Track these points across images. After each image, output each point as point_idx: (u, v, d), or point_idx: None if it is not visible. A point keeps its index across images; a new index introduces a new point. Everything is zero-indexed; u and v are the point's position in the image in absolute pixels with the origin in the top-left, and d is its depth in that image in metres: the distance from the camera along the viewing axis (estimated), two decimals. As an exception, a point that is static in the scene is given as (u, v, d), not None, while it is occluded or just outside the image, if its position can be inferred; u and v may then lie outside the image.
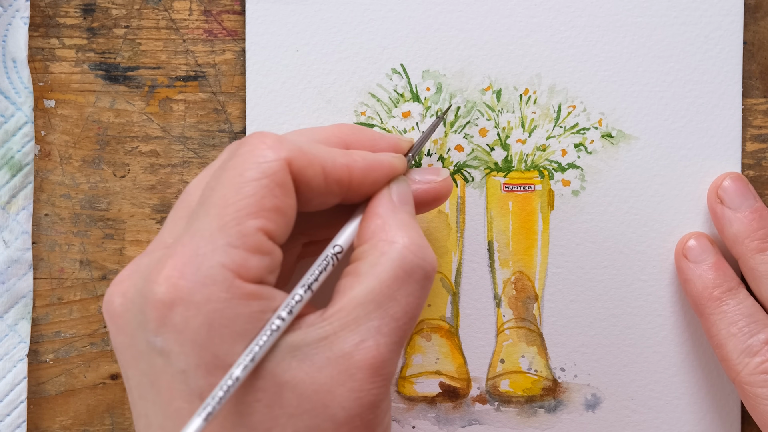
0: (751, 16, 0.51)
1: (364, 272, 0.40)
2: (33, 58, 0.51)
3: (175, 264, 0.39)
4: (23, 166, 0.51)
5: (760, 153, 0.52)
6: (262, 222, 0.39)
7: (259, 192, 0.39)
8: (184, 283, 0.38)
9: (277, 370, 0.39)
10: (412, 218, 0.43)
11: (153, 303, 0.38)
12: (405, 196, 0.44)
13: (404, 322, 0.40)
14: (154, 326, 0.38)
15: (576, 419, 0.52)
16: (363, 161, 0.43)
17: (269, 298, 0.39)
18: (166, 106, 0.52)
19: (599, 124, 0.51)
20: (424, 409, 0.52)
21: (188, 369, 0.38)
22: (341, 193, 0.43)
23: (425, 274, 0.41)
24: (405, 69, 0.51)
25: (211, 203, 0.40)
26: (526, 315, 0.52)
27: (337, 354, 0.39)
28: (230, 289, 0.38)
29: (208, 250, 0.39)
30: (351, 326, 0.39)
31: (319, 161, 0.41)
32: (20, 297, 0.51)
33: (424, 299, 0.41)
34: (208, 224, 0.39)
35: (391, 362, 0.40)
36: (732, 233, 0.49)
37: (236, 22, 0.51)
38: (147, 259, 0.41)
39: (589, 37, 0.51)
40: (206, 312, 0.38)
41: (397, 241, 0.41)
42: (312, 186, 0.41)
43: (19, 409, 0.51)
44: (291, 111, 0.51)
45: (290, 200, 0.40)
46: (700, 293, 0.49)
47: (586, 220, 0.51)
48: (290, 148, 0.41)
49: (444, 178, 0.46)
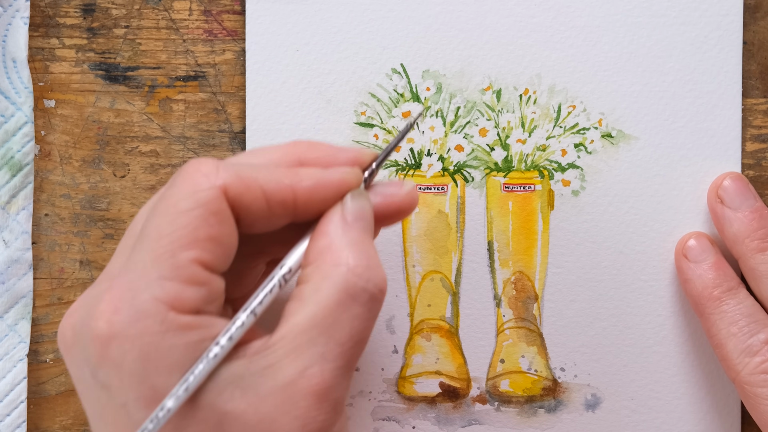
0: (751, 16, 0.51)
1: (307, 297, 0.40)
2: (33, 58, 0.51)
3: (110, 299, 0.38)
4: (23, 166, 0.51)
5: (760, 153, 0.52)
6: (196, 253, 0.39)
7: (192, 222, 0.39)
8: (119, 317, 0.38)
9: (218, 401, 0.38)
10: (365, 235, 0.41)
11: (92, 338, 0.38)
12: (360, 212, 0.42)
13: (350, 346, 0.39)
14: (95, 361, 0.38)
15: (576, 419, 0.52)
16: (309, 179, 0.41)
17: (208, 327, 0.39)
18: (166, 106, 0.52)
19: (599, 124, 0.51)
20: (424, 409, 0.52)
21: (128, 402, 0.38)
22: (287, 214, 0.41)
23: (371, 296, 0.40)
24: (405, 69, 0.51)
25: (146, 235, 0.39)
26: (526, 315, 0.52)
27: (281, 382, 0.38)
28: (164, 322, 0.38)
29: (142, 284, 0.38)
30: (294, 353, 0.39)
31: (258, 185, 0.40)
32: (20, 297, 0.51)
33: (372, 321, 0.40)
34: (142, 257, 0.39)
35: (338, 387, 0.39)
36: (732, 233, 0.49)
37: (236, 22, 0.51)
38: (94, 291, 0.41)
39: (589, 37, 0.51)
40: (140, 345, 0.38)
41: (341, 264, 0.40)
42: (252, 210, 0.40)
43: (19, 409, 0.51)
44: (291, 111, 0.51)
45: (227, 228, 0.40)
46: (700, 293, 0.49)
47: (586, 220, 0.51)
48: (225, 176, 0.40)
49: (407, 191, 0.43)
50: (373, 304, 0.40)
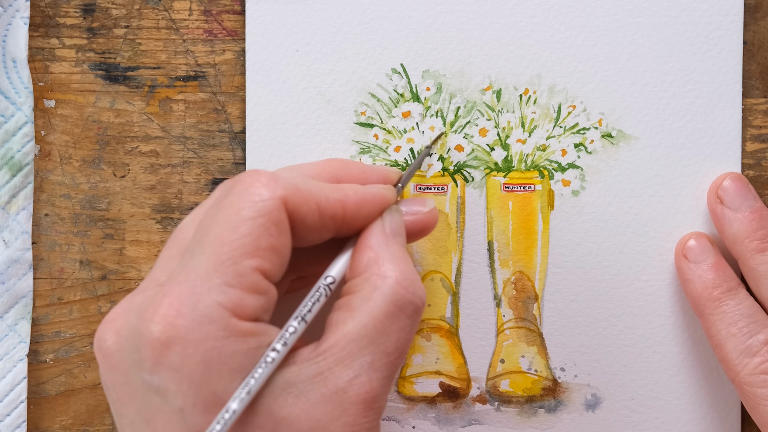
0: (751, 16, 0.51)
1: (357, 307, 0.41)
2: (33, 58, 0.51)
3: (171, 302, 0.39)
4: (23, 166, 0.51)
5: (760, 153, 0.52)
6: (258, 261, 0.40)
7: (255, 231, 0.40)
8: (181, 321, 0.38)
9: (274, 407, 0.39)
10: (404, 250, 0.43)
11: (149, 341, 0.39)
12: (397, 228, 0.44)
13: (395, 357, 0.41)
14: (150, 365, 0.39)
15: (576, 419, 0.52)
16: (355, 195, 0.43)
17: (265, 334, 0.40)
18: (166, 106, 0.52)
19: (599, 124, 0.51)
20: (424, 409, 0.52)
21: (186, 407, 0.38)
22: (335, 228, 0.43)
23: (416, 308, 0.41)
24: (405, 69, 0.51)
25: (207, 242, 0.40)
26: (526, 315, 0.52)
27: (332, 390, 0.39)
28: (227, 327, 0.39)
29: (205, 289, 0.39)
30: (345, 362, 0.40)
31: (313, 198, 0.41)
32: (20, 297, 0.51)
33: (413, 333, 0.42)
34: (204, 263, 0.39)
35: (382, 396, 0.40)
36: (732, 233, 0.49)
37: (236, 22, 0.51)
38: (140, 296, 0.41)
39: (589, 37, 0.51)
40: (203, 350, 0.38)
41: (389, 276, 0.41)
42: (307, 223, 0.41)
43: (19, 409, 0.51)
44: (291, 111, 0.51)
45: (286, 238, 0.41)
46: (700, 293, 0.49)
47: (586, 220, 0.51)
48: (285, 186, 0.41)
49: (430, 209, 0.46)
50: (417, 316, 0.42)
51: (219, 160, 0.52)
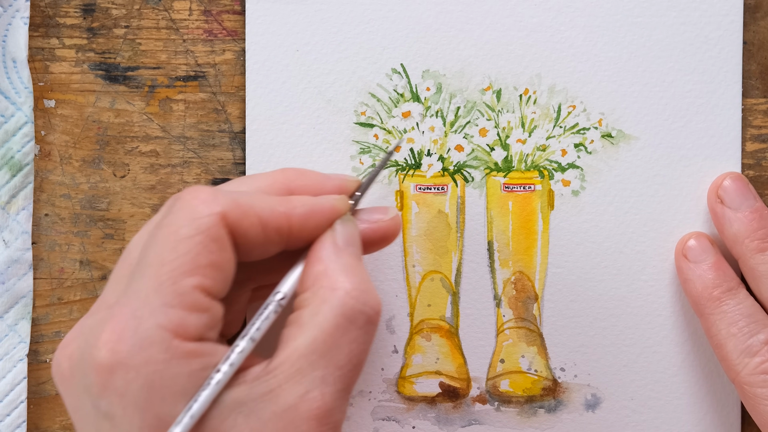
0: (751, 16, 0.51)
1: (306, 322, 0.40)
2: (33, 58, 0.51)
3: (113, 328, 0.38)
4: (23, 166, 0.51)
5: (760, 153, 0.52)
6: (198, 279, 0.39)
7: (193, 249, 0.39)
8: (122, 346, 0.38)
9: (221, 428, 0.39)
10: (357, 260, 0.42)
11: (94, 367, 0.38)
12: (350, 238, 0.43)
13: (349, 369, 0.40)
14: (97, 390, 0.38)
15: (576, 419, 0.52)
16: (302, 207, 0.42)
17: (210, 354, 0.39)
18: (166, 106, 0.52)
19: (599, 124, 0.51)
20: (424, 409, 0.52)
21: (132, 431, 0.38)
22: (282, 241, 0.42)
23: (368, 319, 0.41)
24: (405, 69, 0.51)
25: (147, 263, 0.39)
26: (526, 315, 0.52)
27: (283, 407, 0.39)
28: (168, 349, 0.38)
29: (145, 312, 0.39)
30: (295, 378, 0.39)
31: (255, 212, 0.41)
32: (20, 297, 0.51)
33: (368, 344, 0.41)
34: (144, 285, 0.39)
35: (337, 410, 0.40)
36: (732, 233, 0.49)
37: (236, 22, 0.51)
38: (91, 320, 0.41)
39: (589, 37, 0.51)
40: (145, 374, 0.38)
41: (338, 288, 0.40)
42: (249, 238, 0.41)
43: (19, 409, 0.51)
44: (291, 111, 0.51)
45: (227, 254, 0.40)
46: (700, 293, 0.49)
47: (586, 220, 0.51)
48: (224, 202, 0.40)
49: (392, 217, 0.45)
50: (370, 327, 0.41)
51: (219, 160, 0.52)
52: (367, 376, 0.52)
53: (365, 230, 0.45)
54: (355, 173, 0.51)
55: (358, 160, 0.51)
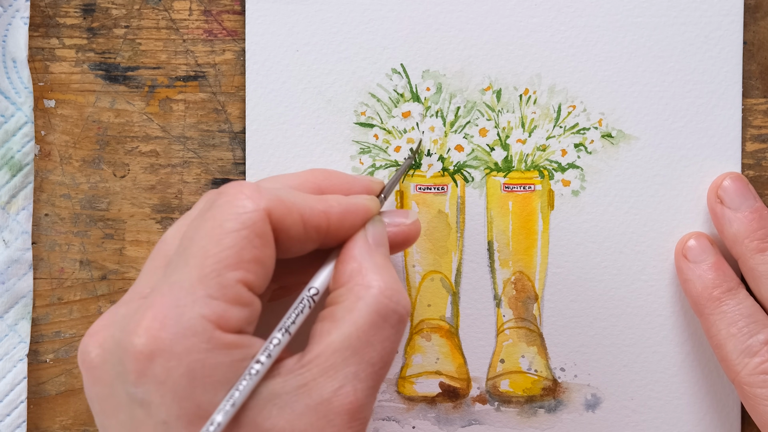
0: (751, 16, 0.51)
1: (341, 317, 0.41)
2: (33, 58, 0.51)
3: (155, 315, 0.39)
4: (23, 166, 0.51)
5: (760, 153, 0.52)
6: (241, 273, 0.39)
7: (238, 243, 0.40)
8: (165, 334, 0.38)
9: (258, 419, 0.39)
10: (387, 260, 0.43)
11: (133, 354, 0.38)
12: (380, 238, 0.44)
13: (380, 366, 0.41)
14: (134, 377, 0.38)
15: (576, 419, 0.52)
16: (339, 206, 0.43)
17: (249, 347, 0.40)
18: (166, 106, 0.52)
19: (599, 124, 0.51)
20: (424, 409, 0.52)
21: (169, 420, 0.38)
22: (320, 239, 0.43)
23: (400, 317, 0.41)
24: (405, 69, 0.51)
25: (190, 254, 0.40)
26: (526, 315, 0.52)
27: (316, 401, 0.39)
28: (211, 340, 0.39)
29: (188, 302, 0.39)
30: (329, 373, 0.40)
31: (297, 209, 0.41)
32: (20, 297, 0.51)
33: (398, 343, 0.42)
34: (187, 275, 0.39)
35: (367, 406, 0.40)
36: (732, 233, 0.49)
37: (236, 22, 0.51)
38: (124, 309, 0.41)
39: (589, 37, 0.51)
40: (187, 363, 0.38)
41: (372, 286, 0.41)
42: (291, 234, 0.41)
43: (19, 409, 0.51)
44: (291, 111, 0.51)
45: (269, 250, 0.41)
46: (700, 293, 0.49)
47: (586, 220, 0.51)
48: (269, 198, 0.41)
49: (413, 221, 0.46)
50: (401, 326, 0.41)
51: (219, 160, 0.52)
52: (367, 376, 0.52)
53: (389, 233, 0.45)
54: (355, 173, 0.51)
55: (358, 160, 0.51)
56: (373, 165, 0.51)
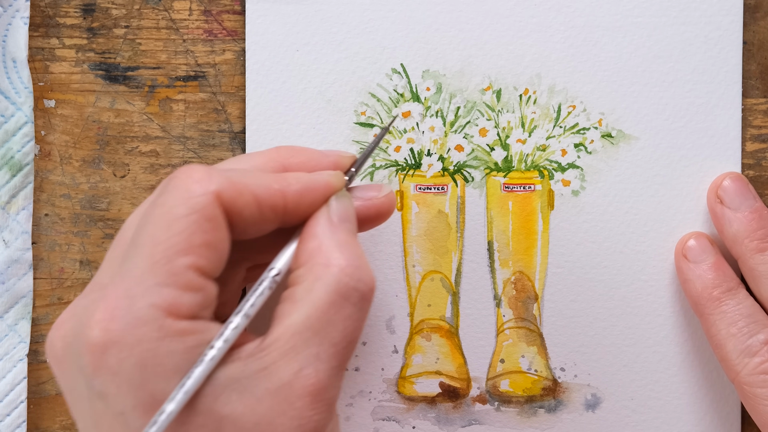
0: (751, 16, 0.51)
1: (300, 298, 0.40)
2: (33, 58, 0.51)
3: (106, 307, 0.38)
4: (23, 166, 0.51)
5: (760, 153, 0.52)
6: (192, 259, 0.39)
7: (188, 228, 0.39)
8: (116, 325, 0.38)
9: (216, 405, 0.38)
10: (352, 236, 0.42)
11: (88, 347, 0.38)
12: (345, 214, 0.43)
13: (343, 346, 0.40)
14: (90, 370, 0.38)
15: (576, 419, 0.52)
16: (297, 183, 0.42)
17: (204, 332, 0.39)
18: (166, 106, 0.52)
19: (599, 124, 0.51)
20: (424, 409, 0.52)
21: (126, 410, 0.38)
22: (277, 218, 0.42)
23: (362, 295, 0.40)
24: (405, 69, 0.51)
25: (141, 242, 0.39)
26: (526, 315, 0.52)
27: (276, 384, 0.39)
28: (162, 328, 0.38)
29: (139, 291, 0.38)
30: (289, 355, 0.39)
31: (250, 190, 0.41)
32: (20, 297, 0.51)
33: (362, 320, 0.41)
34: (138, 264, 0.39)
35: (332, 387, 0.40)
36: (732, 233, 0.49)
37: (236, 22, 0.51)
38: (84, 300, 0.41)
39: (589, 37, 0.51)
40: (138, 353, 0.38)
41: (332, 264, 0.40)
42: (245, 216, 0.41)
43: (19, 409, 0.51)
44: (291, 111, 0.51)
45: (221, 233, 0.40)
46: (700, 293, 0.49)
47: (586, 220, 0.51)
48: (218, 181, 0.40)
49: (386, 194, 0.45)
50: (364, 304, 0.40)
51: (219, 160, 0.52)
52: (367, 376, 0.52)
53: (359, 207, 0.44)
54: None
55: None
56: (373, 165, 0.51)
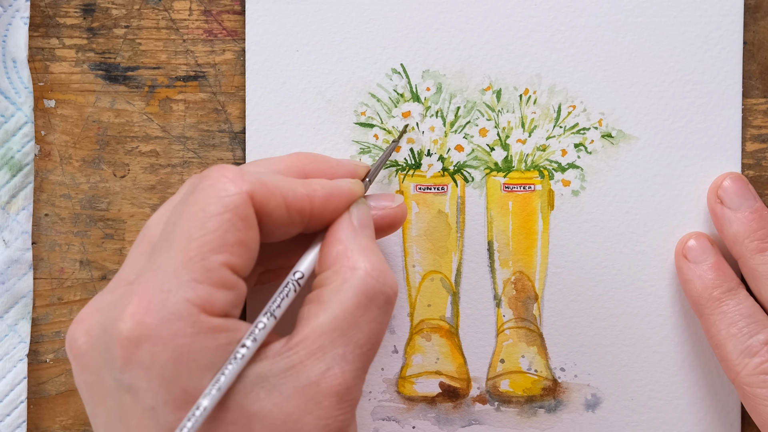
0: (751, 16, 0.51)
1: (328, 299, 0.41)
2: (33, 58, 0.51)
3: (140, 300, 0.39)
4: (23, 166, 0.51)
5: (760, 153, 0.52)
6: (226, 257, 0.40)
7: (222, 227, 0.40)
8: (150, 319, 0.38)
9: (246, 402, 0.39)
10: (373, 242, 0.43)
11: (119, 340, 0.39)
12: (365, 220, 0.44)
13: (368, 348, 0.41)
14: (120, 363, 0.39)
15: (576, 419, 0.52)
16: (322, 189, 0.43)
17: (235, 330, 0.40)
18: (166, 106, 0.52)
19: (599, 124, 0.51)
20: (424, 409, 0.52)
21: (157, 405, 0.38)
22: (303, 222, 0.43)
23: (387, 298, 0.41)
24: (405, 69, 0.51)
25: (174, 239, 0.40)
26: (526, 315, 0.52)
27: (304, 383, 0.39)
28: (196, 324, 0.39)
29: (173, 286, 0.39)
30: (317, 355, 0.40)
31: (280, 192, 0.42)
32: (20, 297, 0.51)
33: (386, 324, 0.42)
34: (171, 260, 0.39)
35: (356, 388, 0.40)
36: (732, 233, 0.49)
37: (236, 22, 0.51)
38: (109, 296, 0.41)
39: (589, 37, 0.51)
40: (173, 348, 0.38)
41: (359, 267, 0.41)
42: (274, 218, 0.42)
43: (19, 409, 0.51)
44: (291, 111, 0.51)
45: (253, 233, 0.41)
46: (700, 293, 0.49)
47: (586, 220, 0.51)
48: (252, 181, 0.41)
49: (398, 205, 0.46)
50: (388, 307, 0.42)
51: (219, 160, 0.52)
52: (367, 376, 0.52)
53: (374, 216, 0.46)
54: None
55: (358, 160, 0.51)
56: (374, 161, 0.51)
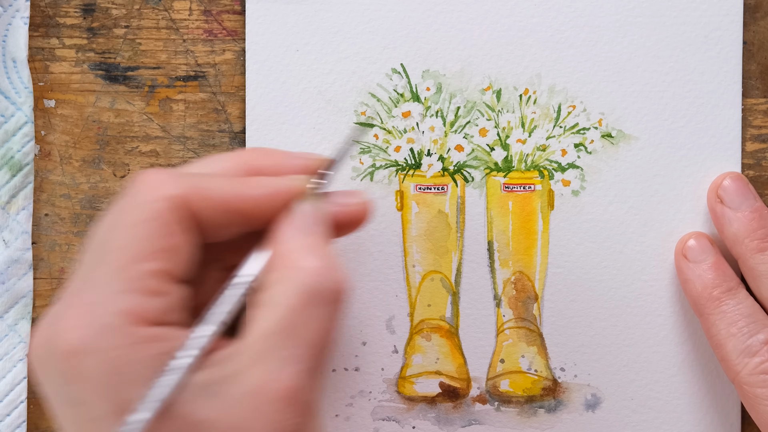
0: (751, 16, 0.51)
1: (269, 302, 0.39)
2: (33, 58, 0.51)
3: (74, 314, 0.38)
4: (23, 166, 0.51)
5: (760, 153, 0.52)
6: (155, 264, 0.39)
7: (150, 234, 0.39)
8: (86, 332, 0.38)
9: (189, 411, 0.38)
10: (320, 239, 0.42)
11: (60, 354, 0.38)
12: (313, 217, 0.42)
13: (319, 347, 0.39)
14: (67, 377, 0.38)
15: (576, 419, 0.52)
16: (260, 188, 0.42)
17: (171, 339, 0.39)
18: (166, 106, 0.52)
19: (599, 124, 0.51)
20: (424, 409, 0.52)
21: (101, 416, 0.38)
22: (242, 222, 0.42)
23: (333, 296, 0.40)
24: (405, 69, 0.51)
25: (105, 249, 0.39)
26: (526, 315, 0.52)
27: (249, 389, 0.38)
28: (128, 335, 0.38)
29: (104, 298, 0.38)
30: (261, 359, 0.39)
31: (212, 194, 0.41)
32: (20, 297, 0.51)
33: (335, 321, 0.40)
34: (102, 270, 0.39)
35: (306, 389, 0.39)
36: (732, 233, 0.49)
37: (236, 22, 0.51)
38: (59, 308, 0.40)
39: (589, 37, 0.51)
40: (109, 359, 0.38)
41: (301, 267, 0.40)
42: (209, 220, 0.41)
43: (19, 409, 0.51)
44: (291, 111, 0.51)
45: (186, 237, 0.40)
46: (700, 293, 0.49)
47: (586, 220, 0.51)
48: (183, 185, 0.40)
49: (359, 201, 0.44)
50: (335, 305, 0.40)
51: (219, 160, 0.51)
52: (367, 376, 0.52)
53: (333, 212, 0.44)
54: (354, 173, 0.51)
55: (358, 160, 0.51)
56: (373, 165, 0.51)
